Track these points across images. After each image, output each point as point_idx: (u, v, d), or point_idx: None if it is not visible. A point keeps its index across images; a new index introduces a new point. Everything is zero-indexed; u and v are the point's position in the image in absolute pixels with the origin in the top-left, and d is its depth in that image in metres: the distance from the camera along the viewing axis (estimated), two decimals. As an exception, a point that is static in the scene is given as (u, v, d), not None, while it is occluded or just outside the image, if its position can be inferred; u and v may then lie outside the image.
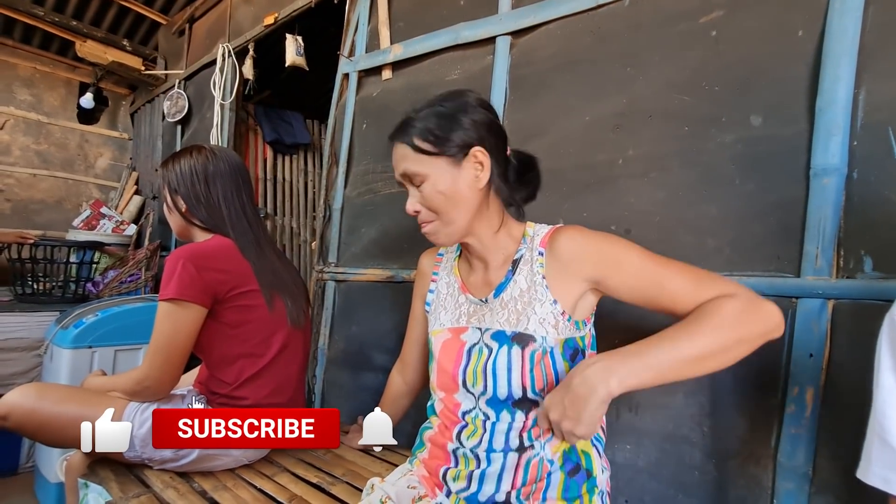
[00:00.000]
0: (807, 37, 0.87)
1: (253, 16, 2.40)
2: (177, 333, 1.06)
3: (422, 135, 0.79)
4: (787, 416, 0.83)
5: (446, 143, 0.79)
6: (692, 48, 1.00)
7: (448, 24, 1.45)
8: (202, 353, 1.16)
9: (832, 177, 0.82)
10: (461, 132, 0.79)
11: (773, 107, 0.90)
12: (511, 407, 0.79)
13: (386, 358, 1.51)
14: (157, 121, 3.28)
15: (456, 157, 0.79)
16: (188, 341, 1.07)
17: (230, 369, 1.13)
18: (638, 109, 1.06)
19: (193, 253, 1.08)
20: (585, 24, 1.17)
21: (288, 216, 3.24)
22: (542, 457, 0.77)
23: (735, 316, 0.66)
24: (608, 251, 0.78)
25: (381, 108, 1.62)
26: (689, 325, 0.67)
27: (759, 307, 0.67)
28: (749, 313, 0.66)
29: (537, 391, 0.78)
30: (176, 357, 1.07)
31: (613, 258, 0.77)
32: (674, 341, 0.66)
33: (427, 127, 0.79)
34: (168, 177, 1.20)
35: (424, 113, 0.81)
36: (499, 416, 0.79)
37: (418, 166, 0.79)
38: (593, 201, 1.11)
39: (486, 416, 0.80)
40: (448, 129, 0.79)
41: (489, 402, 0.80)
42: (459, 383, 0.83)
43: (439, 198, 0.79)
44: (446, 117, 0.80)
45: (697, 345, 0.65)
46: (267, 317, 1.15)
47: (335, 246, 1.70)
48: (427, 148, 0.79)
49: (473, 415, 0.81)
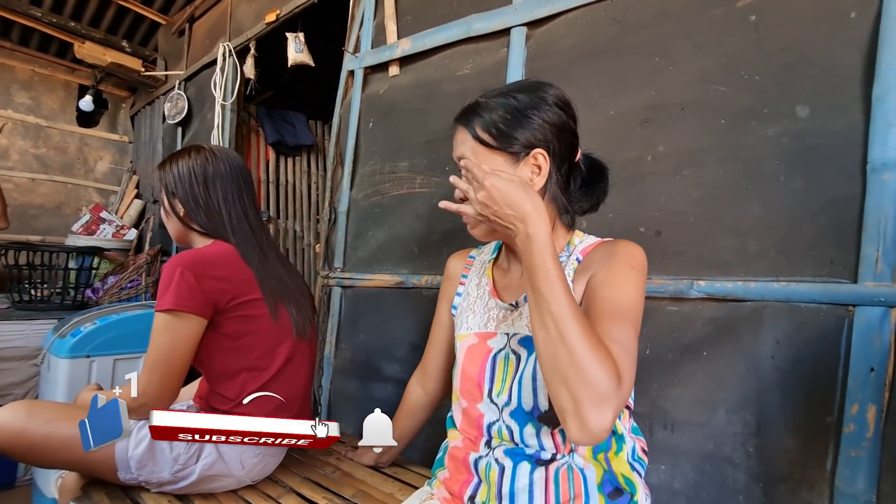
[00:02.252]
0: (860, 19, 0.80)
1: (254, 14, 2.34)
2: (175, 346, 0.99)
3: (485, 126, 0.74)
4: (846, 437, 0.75)
5: (509, 140, 0.73)
6: (729, 35, 0.92)
7: (458, 17, 1.38)
8: (202, 367, 1.09)
9: (893, 172, 0.75)
10: (528, 131, 0.73)
11: (822, 96, 0.82)
12: (536, 421, 0.73)
13: (396, 368, 1.43)
14: (158, 123, 3.22)
15: (517, 156, 0.74)
16: (187, 355, 1.00)
17: (232, 384, 1.06)
18: (668, 102, 0.98)
19: (192, 260, 1.01)
20: (609, 12, 1.09)
21: (291, 219, 3.17)
22: (570, 464, 0.71)
23: (590, 354, 0.56)
24: (618, 256, 0.72)
25: (389, 105, 1.55)
26: (579, 314, 0.59)
27: (605, 382, 0.56)
28: (596, 368, 0.56)
29: None
30: (174, 372, 1.00)
31: (614, 266, 0.71)
32: (564, 297, 0.59)
33: (493, 119, 0.74)
34: (165, 179, 1.13)
35: (495, 101, 0.75)
36: (523, 429, 0.74)
37: (475, 157, 0.74)
38: (620, 201, 1.03)
39: (510, 429, 0.74)
40: (514, 126, 0.73)
41: (513, 413, 0.74)
42: (484, 393, 0.78)
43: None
44: (516, 112, 0.74)
45: (555, 315, 0.58)
46: (271, 327, 1.08)
47: (341, 250, 1.63)
48: (488, 141, 0.74)
49: (497, 428, 0.75)
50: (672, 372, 0.91)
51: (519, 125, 0.73)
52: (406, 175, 1.47)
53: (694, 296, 0.91)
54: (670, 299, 0.94)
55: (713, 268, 0.91)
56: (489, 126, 0.73)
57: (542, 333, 0.60)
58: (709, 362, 0.88)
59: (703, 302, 0.90)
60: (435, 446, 1.29)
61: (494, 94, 0.77)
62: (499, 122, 0.73)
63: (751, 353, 0.84)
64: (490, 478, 0.74)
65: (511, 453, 0.73)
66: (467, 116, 0.76)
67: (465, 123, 0.76)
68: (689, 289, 0.91)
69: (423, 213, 1.42)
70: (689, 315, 0.92)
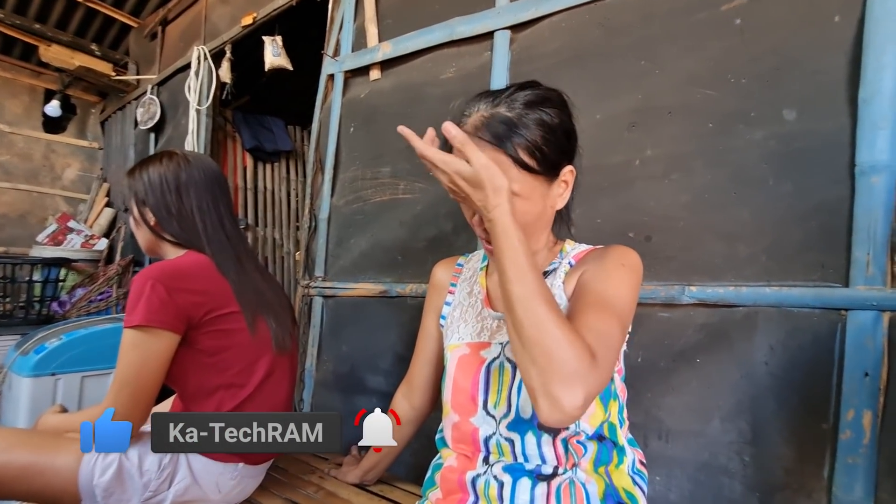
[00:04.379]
0: (844, 23, 0.80)
1: (230, 16, 2.27)
2: (145, 365, 0.92)
3: (529, 149, 0.65)
4: (842, 444, 0.74)
5: (553, 164, 0.68)
6: (714, 39, 0.92)
7: (441, 20, 1.36)
8: (175, 385, 1.03)
9: (881, 175, 0.74)
10: (563, 153, 0.70)
11: (809, 99, 0.82)
12: (536, 429, 0.70)
13: (380, 380, 1.39)
14: (129, 129, 3.11)
15: (552, 176, 0.70)
16: (159, 373, 0.94)
17: (207, 402, 1.00)
18: (655, 105, 0.97)
19: (164, 272, 0.95)
20: (593, 15, 1.08)
21: (270, 227, 3.09)
22: (572, 479, 0.68)
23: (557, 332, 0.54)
24: (611, 255, 0.71)
25: (371, 110, 1.52)
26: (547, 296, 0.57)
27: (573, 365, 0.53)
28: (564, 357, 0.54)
29: None
30: (145, 391, 0.93)
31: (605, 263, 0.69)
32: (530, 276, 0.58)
33: (535, 140, 0.66)
34: (135, 186, 1.07)
35: (529, 117, 0.66)
36: (524, 440, 0.70)
37: (517, 184, 0.66)
38: (608, 206, 1.01)
39: (510, 441, 0.71)
40: (556, 147, 0.68)
41: (511, 425, 0.71)
42: (479, 404, 0.74)
43: (527, 218, 0.69)
44: (554, 131, 0.68)
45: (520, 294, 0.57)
46: (249, 342, 1.02)
47: (322, 259, 1.58)
48: (533, 165, 0.66)
49: (496, 441, 0.72)
50: (665, 380, 0.90)
51: (559, 146, 0.68)
52: (389, 181, 1.44)
53: (686, 301, 0.89)
54: (662, 305, 0.92)
55: (704, 273, 0.89)
56: (533, 149, 0.65)
57: (509, 315, 0.58)
58: (702, 370, 0.87)
59: (694, 308, 0.89)
60: (422, 461, 1.25)
61: (517, 103, 0.67)
62: (541, 143, 0.66)
63: (744, 360, 0.83)
64: (490, 495, 0.70)
65: (510, 469, 0.70)
66: (498, 133, 0.65)
67: (496, 142, 0.65)
68: (681, 294, 0.90)
69: (406, 219, 1.38)
70: (681, 321, 0.90)
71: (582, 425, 0.69)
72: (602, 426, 0.70)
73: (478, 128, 0.66)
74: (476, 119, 0.67)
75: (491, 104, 0.68)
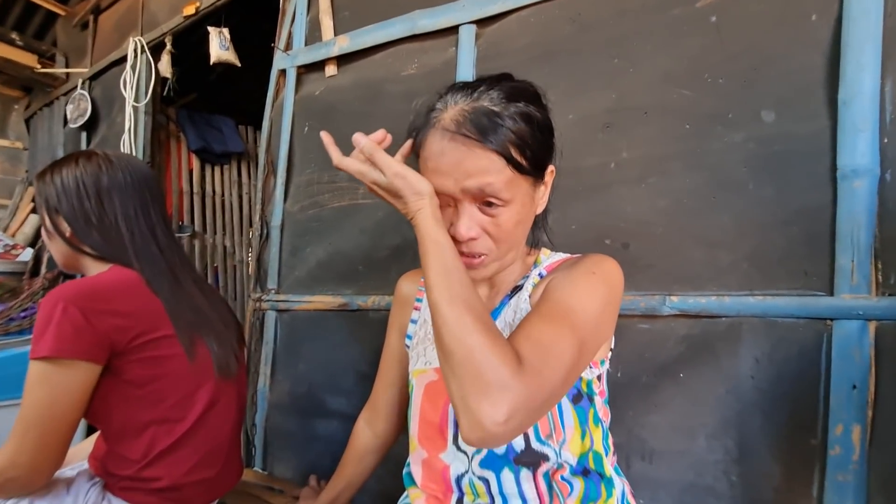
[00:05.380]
0: (821, 22, 0.77)
1: (170, 6, 2.09)
2: (55, 403, 0.78)
3: (518, 146, 0.58)
4: (832, 460, 0.70)
5: (538, 162, 0.61)
6: (689, 36, 0.88)
7: (401, 13, 1.27)
8: (97, 422, 0.88)
9: (863, 179, 0.72)
10: (548, 150, 0.63)
11: (788, 100, 0.79)
12: (513, 464, 0.62)
13: (341, 401, 1.28)
14: (58, 127, 2.82)
15: (538, 177, 0.63)
16: (73, 412, 0.80)
17: (136, 442, 0.86)
18: (630, 105, 0.92)
19: (78, 292, 0.81)
20: (563, 10, 1.03)
21: (220, 234, 2.89)
22: None
23: (477, 338, 0.49)
24: (582, 263, 0.64)
25: (327, 107, 1.41)
26: (469, 303, 0.53)
27: (498, 376, 0.47)
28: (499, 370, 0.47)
29: (542, 438, 0.62)
30: (55, 434, 0.79)
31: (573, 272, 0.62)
32: (451, 279, 0.54)
33: (523, 135, 0.58)
34: (45, 192, 0.92)
35: (511, 110, 0.58)
36: (500, 478, 0.63)
37: (509, 188, 0.58)
38: (582, 211, 0.96)
39: (484, 480, 0.63)
40: (541, 144, 0.61)
41: (485, 461, 0.63)
42: (449, 439, 0.66)
43: (517, 229, 0.62)
44: (539, 126, 0.60)
45: (437, 298, 0.54)
46: (186, 369, 0.89)
47: (275, 269, 1.45)
48: (523, 164, 0.58)
49: (468, 480, 0.64)
50: (648, 397, 0.84)
51: (544, 142, 0.62)
52: (347, 185, 1.33)
53: (666, 312, 0.85)
54: (641, 316, 0.87)
55: (684, 282, 0.85)
56: (523, 146, 0.58)
57: (433, 326, 0.53)
58: (686, 385, 0.82)
59: (675, 319, 0.84)
60: (389, 489, 1.15)
61: (496, 96, 0.59)
62: (529, 139, 0.59)
63: (729, 374, 0.79)
64: None
65: None
66: (487, 132, 0.56)
67: (486, 140, 0.56)
68: (662, 305, 0.85)
69: (367, 226, 1.28)
70: (662, 333, 0.85)
71: (564, 455, 0.62)
72: (586, 457, 0.64)
73: (459, 123, 0.58)
74: (455, 114, 0.59)
75: (470, 97, 0.60)
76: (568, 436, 0.62)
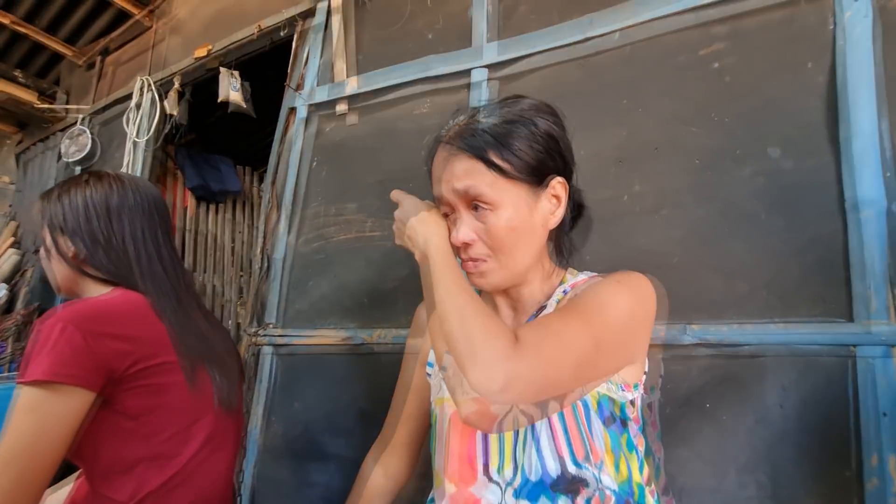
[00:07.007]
0: (817, 69, 0.84)
1: (181, 47, 2.16)
2: (44, 434, 0.71)
3: (499, 150, 0.61)
4: (870, 495, 0.68)
5: (530, 168, 0.63)
6: (694, 80, 0.94)
7: (414, 58, 1.33)
8: (81, 459, 0.81)
9: (871, 209, 0.75)
10: (548, 158, 0.64)
11: (791, 138, 0.84)
12: (550, 491, 0.59)
13: (341, 443, 1.20)
14: (52, 162, 2.79)
15: (538, 187, 0.64)
16: (59, 446, 0.72)
17: (125, 481, 0.79)
18: (641, 141, 0.97)
19: (81, 314, 0.76)
20: (572, 55, 1.09)
21: (210, 272, 2.83)
22: None
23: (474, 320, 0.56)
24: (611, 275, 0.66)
25: (336, 144, 1.43)
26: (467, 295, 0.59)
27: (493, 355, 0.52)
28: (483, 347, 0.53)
29: (579, 461, 0.59)
30: (38, 472, 0.71)
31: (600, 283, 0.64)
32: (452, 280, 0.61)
33: (507, 141, 0.61)
34: (51, 211, 0.89)
35: (504, 120, 0.63)
36: None
37: (492, 190, 0.61)
38: (598, 242, 0.97)
39: None
40: (535, 150, 0.63)
41: (519, 491, 0.60)
42: (479, 469, 0.63)
43: (509, 235, 0.63)
44: (534, 134, 0.63)
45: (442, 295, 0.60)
46: (185, 399, 0.84)
47: (275, 303, 1.40)
48: (507, 168, 0.62)
49: None
50: (674, 430, 0.82)
51: (540, 149, 0.63)
52: (355, 217, 1.33)
53: (687, 341, 0.84)
54: (662, 346, 0.86)
55: (704, 311, 0.85)
56: (505, 150, 0.61)
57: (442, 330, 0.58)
58: (713, 415, 0.80)
59: (697, 347, 0.84)
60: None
61: (490, 115, 0.64)
62: (517, 144, 0.61)
63: (757, 403, 0.77)
64: None
65: None
66: (468, 140, 0.62)
67: (467, 148, 0.62)
68: (682, 334, 0.84)
69: (375, 258, 1.27)
70: (684, 363, 0.84)
71: (604, 480, 0.59)
72: (628, 487, 0.60)
73: (452, 138, 0.65)
74: (453, 130, 0.66)
75: (469, 116, 0.67)
76: (604, 459, 0.60)
